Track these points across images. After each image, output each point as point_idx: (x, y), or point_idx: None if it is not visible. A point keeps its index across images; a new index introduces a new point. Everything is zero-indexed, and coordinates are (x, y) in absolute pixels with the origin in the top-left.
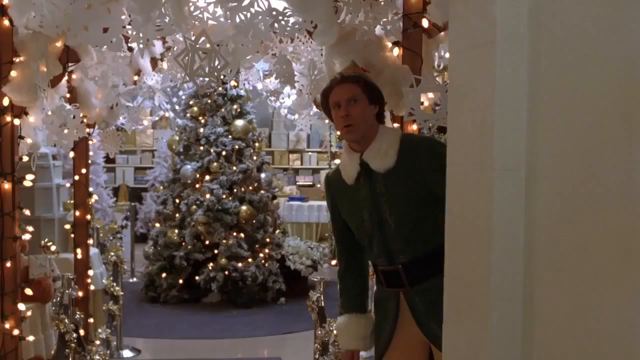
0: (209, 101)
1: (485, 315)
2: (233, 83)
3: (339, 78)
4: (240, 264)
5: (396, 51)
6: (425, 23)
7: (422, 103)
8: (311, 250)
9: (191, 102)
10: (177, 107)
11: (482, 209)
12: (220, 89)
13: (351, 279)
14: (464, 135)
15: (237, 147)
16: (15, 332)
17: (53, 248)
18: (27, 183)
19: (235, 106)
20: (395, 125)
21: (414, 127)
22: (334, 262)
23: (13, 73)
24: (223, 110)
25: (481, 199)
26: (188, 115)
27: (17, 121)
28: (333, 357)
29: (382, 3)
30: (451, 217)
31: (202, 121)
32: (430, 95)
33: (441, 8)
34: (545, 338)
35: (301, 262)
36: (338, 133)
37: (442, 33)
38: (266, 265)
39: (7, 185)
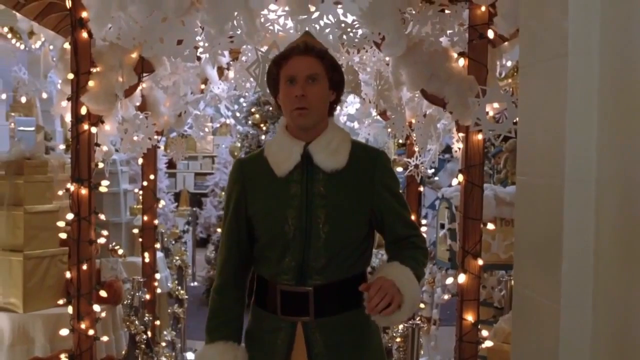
0: (270, 109)
1: (556, 325)
2: None
3: (301, 47)
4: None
5: (462, 62)
6: (491, 34)
7: (487, 113)
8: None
9: (253, 110)
10: (237, 114)
11: (552, 218)
12: None
13: (231, 299)
14: (534, 146)
15: None
16: (91, 332)
17: (120, 252)
18: (103, 189)
19: None
20: (461, 135)
21: (479, 136)
22: None
23: (91, 83)
24: None
25: (551, 208)
26: (249, 122)
27: (94, 129)
28: None
29: (449, 15)
30: (520, 225)
31: (264, 128)
32: (495, 105)
33: (508, 19)
34: (612, 341)
35: None
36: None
37: (506, 43)
38: None
39: (84, 191)
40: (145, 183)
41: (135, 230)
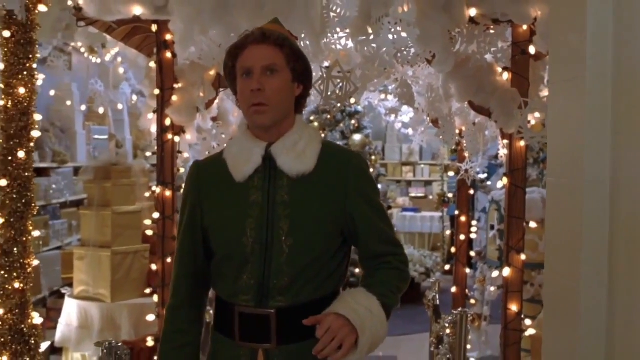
0: (329, 117)
1: (577, 302)
2: (352, 100)
3: (257, 34)
4: (357, 270)
5: (505, 75)
6: (532, 50)
7: (529, 122)
8: (424, 259)
9: (312, 118)
10: None
11: (574, 212)
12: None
13: (186, 321)
14: (560, 153)
15: None
16: None
17: None
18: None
19: (353, 121)
20: (505, 141)
21: (522, 143)
22: (447, 266)
23: (174, 97)
24: (342, 125)
25: (573, 204)
26: None
27: (177, 138)
28: (447, 346)
29: (493, 33)
30: (550, 219)
31: (322, 135)
32: (537, 114)
33: (545, 39)
34: (626, 330)
35: (415, 270)
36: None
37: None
38: None
39: (168, 193)
40: None
41: None
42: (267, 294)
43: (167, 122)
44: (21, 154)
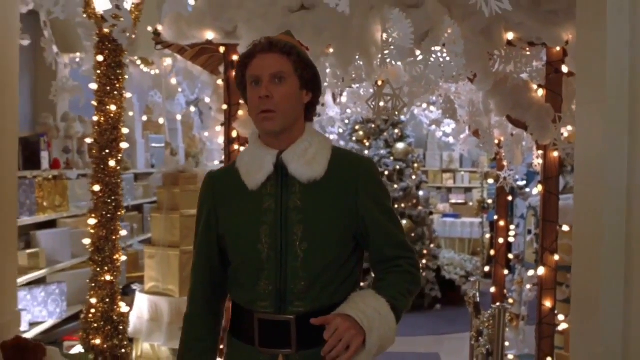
0: (373, 126)
1: (597, 291)
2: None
3: (264, 43)
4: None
5: (540, 92)
6: (565, 69)
7: (562, 134)
8: (464, 263)
9: (357, 127)
10: (341, 131)
11: (595, 214)
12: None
13: (204, 329)
14: (585, 163)
15: (398, 167)
16: None
17: None
18: None
19: (396, 130)
20: (540, 152)
21: (555, 154)
22: (487, 268)
23: (240, 112)
24: (386, 134)
25: (596, 208)
26: (354, 139)
27: (242, 149)
28: (487, 338)
29: (529, 55)
30: (577, 221)
31: (367, 144)
32: (569, 127)
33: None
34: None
35: (455, 273)
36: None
37: None
38: (423, 274)
39: None
40: None
41: None
42: (285, 300)
43: (234, 134)
44: (112, 163)
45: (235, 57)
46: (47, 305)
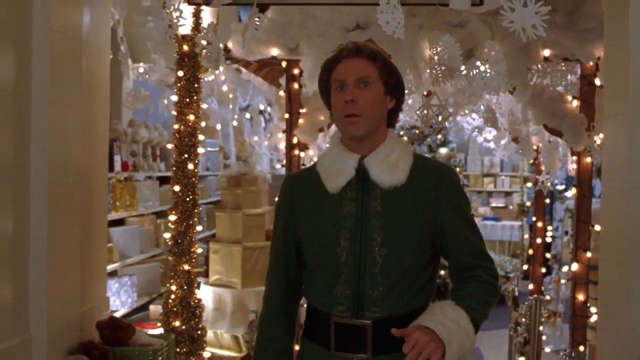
0: (417, 132)
1: (621, 280)
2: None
3: (351, 48)
4: (442, 272)
5: (575, 103)
6: (597, 82)
7: (595, 142)
8: (504, 263)
9: (401, 133)
10: None
11: (619, 213)
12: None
13: (279, 330)
14: (611, 168)
15: None
16: None
17: None
18: None
19: (439, 136)
20: (574, 158)
21: (588, 159)
22: (525, 266)
23: (300, 120)
24: (429, 139)
25: (620, 208)
26: None
27: (302, 154)
28: (524, 327)
29: (564, 69)
30: (604, 220)
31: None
32: (601, 135)
33: None
34: None
35: None
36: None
37: None
38: None
39: None
40: None
41: None
42: (362, 305)
43: (294, 140)
44: (190, 166)
45: (296, 71)
46: (120, 296)
